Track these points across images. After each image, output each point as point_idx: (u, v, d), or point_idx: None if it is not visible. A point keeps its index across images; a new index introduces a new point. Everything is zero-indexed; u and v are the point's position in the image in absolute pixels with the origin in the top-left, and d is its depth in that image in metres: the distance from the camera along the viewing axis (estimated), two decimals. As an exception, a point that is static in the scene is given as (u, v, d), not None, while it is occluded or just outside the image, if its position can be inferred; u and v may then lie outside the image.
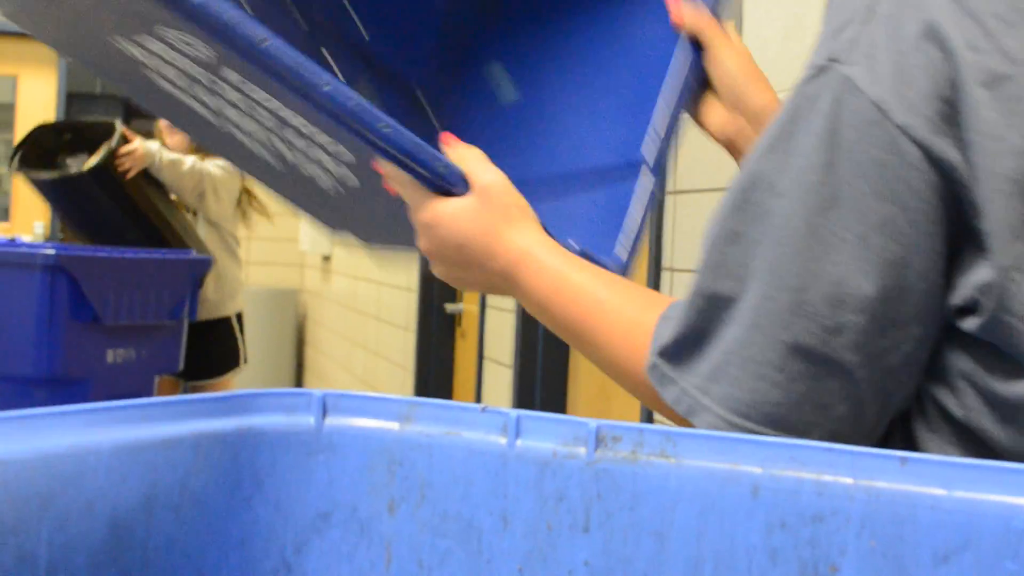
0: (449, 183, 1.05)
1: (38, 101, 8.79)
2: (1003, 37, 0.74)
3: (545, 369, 3.69)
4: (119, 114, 10.20)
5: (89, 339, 3.56)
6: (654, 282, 2.68)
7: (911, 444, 0.82)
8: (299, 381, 8.12)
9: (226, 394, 0.68)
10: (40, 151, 4.35)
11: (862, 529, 0.57)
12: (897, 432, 0.83)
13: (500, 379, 4.00)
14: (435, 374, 5.06)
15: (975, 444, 0.79)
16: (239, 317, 4.75)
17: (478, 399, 4.26)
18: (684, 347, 0.85)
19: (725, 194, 0.83)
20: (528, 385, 3.74)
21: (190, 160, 4.55)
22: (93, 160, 4.19)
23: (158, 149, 4.44)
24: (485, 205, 1.04)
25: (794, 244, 0.77)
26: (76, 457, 0.60)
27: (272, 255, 8.02)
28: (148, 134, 4.65)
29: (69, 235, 4.52)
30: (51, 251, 3.47)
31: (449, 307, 4.99)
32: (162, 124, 4.68)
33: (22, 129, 8.98)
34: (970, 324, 0.76)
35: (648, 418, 2.62)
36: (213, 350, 4.62)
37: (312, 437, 0.68)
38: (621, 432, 0.63)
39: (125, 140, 4.28)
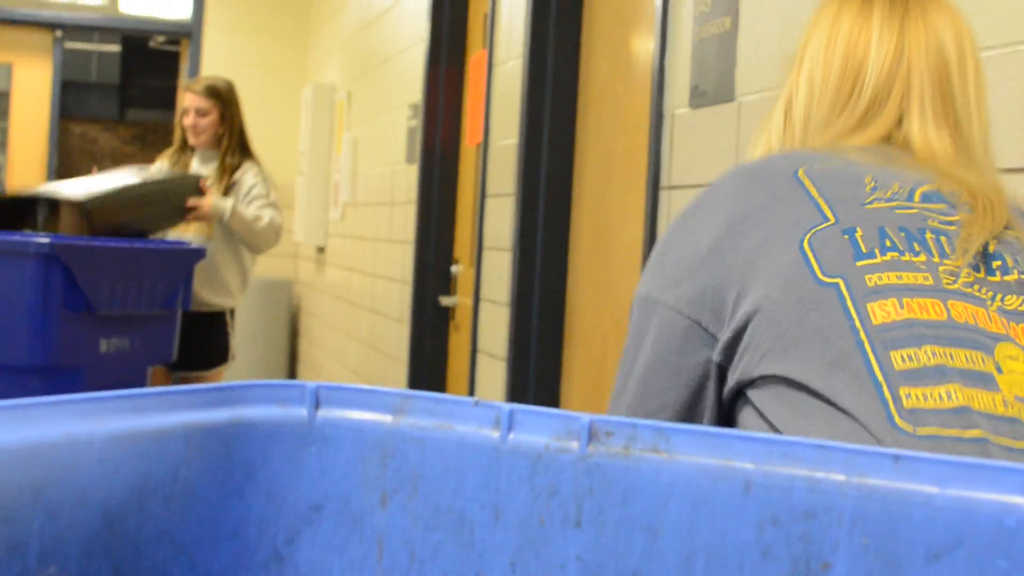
0: None
1: (33, 89, 8.78)
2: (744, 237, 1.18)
3: (539, 362, 3.69)
4: (114, 103, 10.18)
5: (82, 328, 3.55)
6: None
7: None
8: (292, 373, 8.12)
9: (219, 385, 0.68)
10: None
11: (854, 526, 0.57)
12: None
13: (493, 372, 4.01)
14: (428, 367, 5.06)
15: None
16: (232, 313, 4.74)
17: (471, 392, 4.26)
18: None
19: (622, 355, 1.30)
20: (521, 378, 3.74)
21: (267, 216, 4.49)
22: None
23: (232, 207, 4.40)
24: None
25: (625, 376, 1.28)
26: (69, 447, 0.60)
27: (266, 246, 8.01)
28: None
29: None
30: (46, 240, 3.47)
31: (443, 300, 4.99)
32: (186, 122, 4.63)
33: (17, 117, 8.98)
34: (740, 360, 1.13)
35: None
36: (207, 342, 4.61)
37: (305, 429, 0.68)
38: (614, 427, 0.63)
39: (198, 191, 4.11)
